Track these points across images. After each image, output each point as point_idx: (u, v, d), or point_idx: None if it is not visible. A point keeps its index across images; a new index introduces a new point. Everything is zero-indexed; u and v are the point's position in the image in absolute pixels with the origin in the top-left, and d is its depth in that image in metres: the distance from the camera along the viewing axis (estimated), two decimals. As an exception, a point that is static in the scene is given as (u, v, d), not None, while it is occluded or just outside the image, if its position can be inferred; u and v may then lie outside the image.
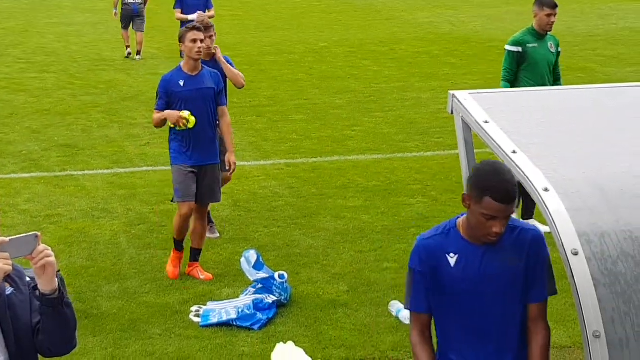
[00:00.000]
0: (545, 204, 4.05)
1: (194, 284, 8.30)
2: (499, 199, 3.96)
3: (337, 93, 16.38)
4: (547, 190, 4.13)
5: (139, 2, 20.49)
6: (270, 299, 7.67)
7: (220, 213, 9.91)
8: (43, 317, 3.54)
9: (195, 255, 8.48)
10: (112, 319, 7.64)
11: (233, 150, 8.60)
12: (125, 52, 20.55)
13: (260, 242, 9.21)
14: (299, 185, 11.08)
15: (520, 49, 9.49)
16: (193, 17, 15.78)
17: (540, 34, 9.55)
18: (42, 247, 3.46)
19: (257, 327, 7.42)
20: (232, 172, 8.72)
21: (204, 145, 8.30)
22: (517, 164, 4.32)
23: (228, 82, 9.11)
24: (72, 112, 15.20)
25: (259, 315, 7.50)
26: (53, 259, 3.46)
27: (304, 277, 8.40)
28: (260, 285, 7.81)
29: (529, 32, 9.61)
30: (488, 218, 4.00)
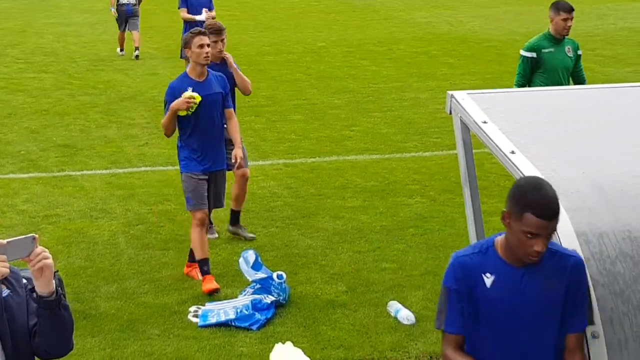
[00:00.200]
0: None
1: (193, 285, 8.29)
2: (541, 215, 3.76)
3: (335, 93, 16.37)
4: (545, 191, 4.12)
5: (133, 2, 20.58)
6: (269, 299, 7.67)
7: (219, 213, 9.89)
8: (40, 319, 3.54)
9: (194, 257, 8.47)
10: (110, 320, 7.63)
11: (240, 145, 8.40)
12: (120, 53, 20.65)
13: (259, 242, 9.20)
14: (298, 186, 11.07)
15: (535, 55, 9.31)
16: (201, 17, 15.69)
17: (557, 39, 9.36)
18: (39, 249, 3.45)
19: (255, 327, 7.41)
20: (237, 167, 8.44)
21: (215, 151, 8.18)
22: (515, 165, 4.32)
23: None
24: (70, 112, 15.18)
25: (258, 316, 7.50)
26: (50, 261, 3.45)
27: (303, 277, 8.40)
28: (259, 286, 7.80)
29: (545, 37, 9.42)
30: (529, 236, 3.80)
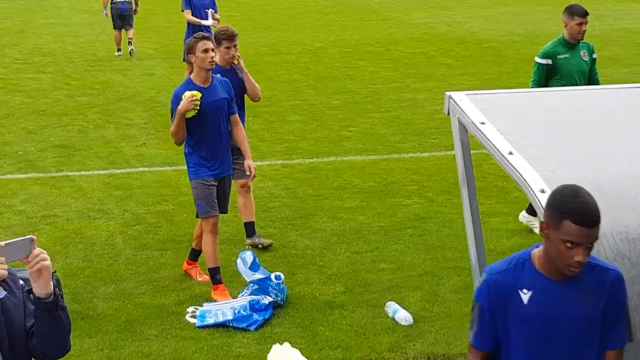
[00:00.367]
0: (542, 205, 4.05)
1: (190, 285, 8.29)
2: (580, 222, 3.61)
3: (333, 94, 16.37)
4: (543, 192, 4.13)
5: (128, 0, 20.61)
6: (267, 300, 7.66)
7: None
8: (38, 320, 3.53)
9: (196, 256, 8.45)
10: (108, 320, 7.62)
11: (251, 156, 8.33)
12: (116, 53, 20.68)
13: (257, 243, 9.20)
14: (295, 186, 11.07)
15: (550, 61, 9.11)
16: (207, 22, 15.60)
17: (572, 43, 9.17)
18: (37, 250, 3.45)
19: (253, 328, 7.41)
20: (252, 177, 8.37)
21: (223, 157, 8.07)
22: (513, 165, 4.32)
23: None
24: (68, 112, 15.17)
25: (255, 316, 7.49)
26: (49, 263, 3.45)
27: (300, 278, 8.39)
28: (257, 286, 7.80)
29: (560, 42, 9.22)
30: (569, 245, 3.64)
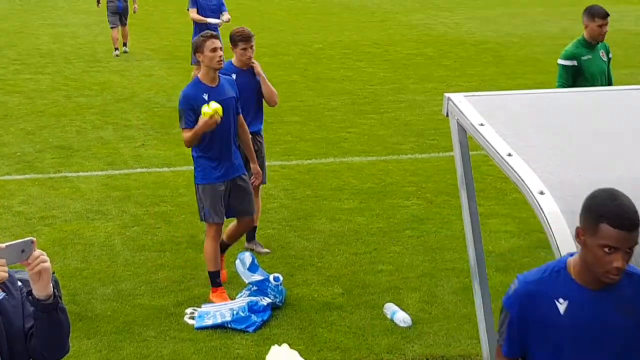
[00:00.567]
0: (541, 207, 4.05)
1: (189, 287, 8.28)
2: (618, 225, 3.48)
3: (331, 95, 16.37)
4: (542, 193, 4.13)
5: None
6: (265, 301, 7.66)
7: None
8: (37, 322, 3.53)
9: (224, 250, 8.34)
10: (106, 321, 7.62)
11: (256, 161, 8.34)
12: (114, 53, 20.69)
13: (255, 244, 9.20)
14: (294, 187, 11.07)
15: (576, 62, 9.01)
16: (215, 21, 15.54)
17: (592, 44, 9.11)
18: (37, 252, 3.45)
19: (251, 329, 7.41)
20: (259, 182, 8.39)
21: (231, 158, 7.96)
22: (512, 167, 4.32)
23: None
24: (66, 113, 15.17)
25: (254, 318, 7.49)
26: (48, 265, 3.45)
27: (299, 279, 8.39)
28: (255, 288, 7.80)
29: (581, 43, 9.13)
30: (607, 250, 3.51)
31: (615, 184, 3.63)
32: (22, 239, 3.44)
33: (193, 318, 7.61)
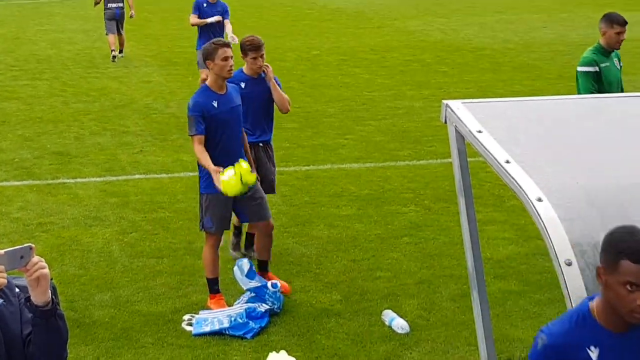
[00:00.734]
0: (539, 214, 4.05)
1: (187, 293, 8.28)
2: (638, 260, 3.37)
3: (329, 101, 16.39)
4: (540, 200, 4.13)
5: (121, 6, 20.80)
6: (263, 308, 7.66)
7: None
8: (35, 328, 3.53)
9: (266, 267, 8.36)
10: (104, 328, 7.61)
11: (255, 168, 8.27)
12: (112, 54, 20.72)
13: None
14: (292, 194, 11.07)
15: (597, 69, 8.85)
16: (214, 19, 15.51)
17: (608, 51, 8.98)
18: (36, 258, 3.45)
19: (249, 336, 7.41)
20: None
21: None
22: (510, 174, 4.32)
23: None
24: (64, 119, 15.17)
25: (252, 324, 7.49)
26: (47, 271, 3.45)
27: (297, 285, 8.39)
28: (253, 294, 7.80)
29: (597, 50, 8.98)
30: (629, 288, 3.39)
31: (614, 191, 3.64)
32: (20, 245, 3.45)
33: (191, 325, 7.61)
